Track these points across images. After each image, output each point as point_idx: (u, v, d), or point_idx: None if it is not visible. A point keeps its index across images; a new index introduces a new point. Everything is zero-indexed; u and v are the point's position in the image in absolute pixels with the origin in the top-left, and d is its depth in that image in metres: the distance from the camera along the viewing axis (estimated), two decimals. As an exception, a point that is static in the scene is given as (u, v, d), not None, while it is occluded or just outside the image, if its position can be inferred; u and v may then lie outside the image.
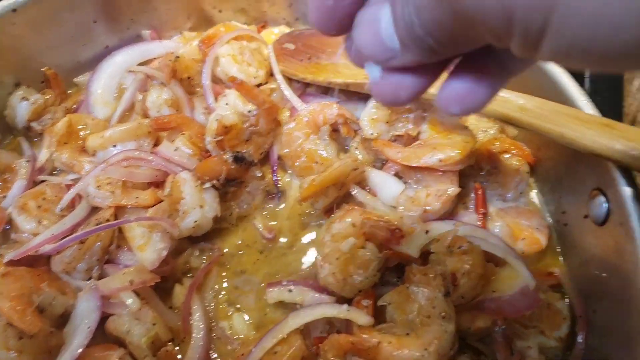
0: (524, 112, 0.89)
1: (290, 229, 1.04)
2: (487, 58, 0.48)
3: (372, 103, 1.04)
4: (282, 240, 1.03)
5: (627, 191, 0.83)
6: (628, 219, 0.81)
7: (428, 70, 0.49)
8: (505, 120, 0.91)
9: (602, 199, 0.89)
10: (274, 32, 1.21)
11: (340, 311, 0.88)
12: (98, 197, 0.96)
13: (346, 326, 0.90)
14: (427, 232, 0.95)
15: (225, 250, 1.02)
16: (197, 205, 0.96)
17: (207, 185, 0.97)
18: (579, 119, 0.86)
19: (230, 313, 0.96)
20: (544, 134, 0.87)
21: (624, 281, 0.80)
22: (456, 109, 0.49)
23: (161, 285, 0.97)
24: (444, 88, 0.50)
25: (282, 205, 1.07)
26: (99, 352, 0.86)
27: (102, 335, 0.90)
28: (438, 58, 0.46)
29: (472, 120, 1.13)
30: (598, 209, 0.89)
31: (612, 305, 0.84)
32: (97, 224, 0.92)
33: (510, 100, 0.91)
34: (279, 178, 1.08)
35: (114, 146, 1.02)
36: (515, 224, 1.00)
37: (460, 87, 0.49)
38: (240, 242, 1.02)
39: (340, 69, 1.06)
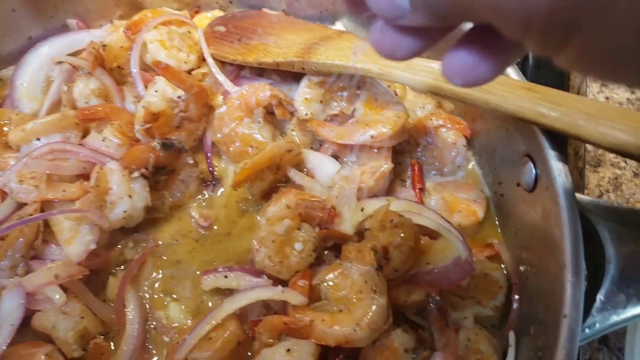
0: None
1: (228, 216, 1.02)
2: (495, 33, 0.45)
3: (304, 82, 1.03)
4: (219, 227, 1.01)
5: (551, 154, 0.83)
6: (553, 183, 0.82)
7: (429, 33, 0.47)
8: (432, 91, 0.90)
9: (530, 165, 0.89)
10: (207, 17, 1.18)
11: (274, 293, 0.86)
12: (21, 193, 0.93)
13: (283, 308, 0.88)
14: (362, 209, 0.95)
15: (160, 240, 0.99)
16: (125, 195, 0.93)
17: (136, 174, 0.95)
18: (502, 84, 0.85)
19: (166, 303, 0.94)
20: (468, 101, 0.86)
21: (551, 246, 0.80)
22: (458, 80, 0.47)
23: (94, 279, 0.94)
24: (449, 57, 0.47)
25: (219, 193, 1.04)
26: (24, 350, 0.83)
27: (32, 334, 0.87)
28: (445, 24, 0.45)
29: (410, 97, 1.13)
30: (527, 175, 0.90)
31: (541, 270, 0.84)
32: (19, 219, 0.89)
33: (436, 70, 0.90)
34: (215, 165, 1.06)
35: (38, 139, 0.98)
36: (452, 198, 1.00)
37: (465, 59, 0.46)
38: (175, 231, 1.00)
39: (270, 48, 1.04)
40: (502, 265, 0.95)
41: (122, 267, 0.96)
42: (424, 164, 1.05)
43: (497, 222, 1.02)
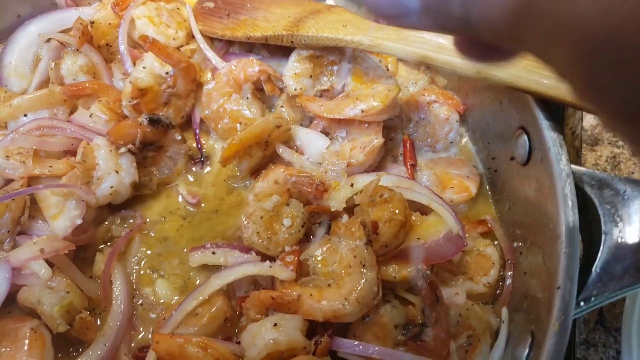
0: (442, 51, 0.86)
1: (216, 194, 1.01)
2: None
3: (294, 57, 1.01)
4: (207, 205, 1.00)
5: (545, 125, 0.81)
6: (547, 153, 0.79)
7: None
8: (423, 62, 0.88)
9: (524, 137, 0.87)
10: (197, -6, 1.16)
11: (262, 268, 0.85)
12: (8, 168, 0.92)
13: (271, 285, 0.87)
14: (351, 185, 0.93)
15: (148, 218, 0.98)
16: (112, 171, 0.92)
17: (123, 149, 0.93)
18: (494, 55, 0.83)
19: (153, 279, 0.92)
20: (460, 71, 0.84)
21: (545, 220, 0.78)
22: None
23: (81, 255, 0.94)
24: None
25: (207, 170, 1.03)
26: (10, 324, 0.83)
27: (19, 309, 0.86)
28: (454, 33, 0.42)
29: (402, 73, 1.10)
30: (522, 147, 0.87)
31: (534, 246, 0.82)
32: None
33: (428, 40, 0.88)
34: (203, 142, 1.04)
35: (25, 115, 0.97)
36: (444, 174, 0.98)
37: None
38: (163, 208, 0.99)
39: (259, 22, 1.02)
40: (496, 242, 0.93)
41: (109, 243, 0.95)
42: (416, 140, 1.02)
43: (490, 199, 1.00)
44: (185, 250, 0.94)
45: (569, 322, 0.68)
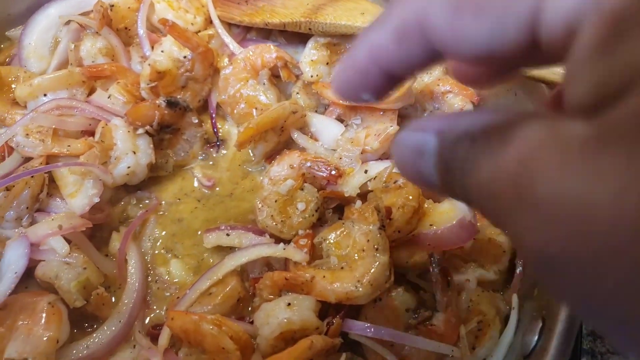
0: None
1: (230, 178, 1.02)
2: None
3: (311, 44, 1.02)
4: (221, 188, 1.01)
5: (560, 115, 0.82)
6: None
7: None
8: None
9: (538, 127, 0.87)
10: (215, -20, 1.17)
11: (276, 250, 0.86)
12: (27, 146, 0.93)
13: (284, 267, 0.88)
14: (365, 171, 0.94)
15: (163, 199, 0.99)
16: (129, 151, 0.94)
17: (141, 131, 0.95)
18: (511, 44, 0.84)
19: (168, 259, 0.94)
20: (476, 61, 0.85)
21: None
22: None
23: (98, 234, 0.95)
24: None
25: (223, 154, 1.04)
26: (28, 298, 0.84)
27: (37, 285, 0.88)
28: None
29: (417, 63, 1.11)
30: (535, 138, 0.88)
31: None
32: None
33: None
34: (219, 126, 1.06)
35: (45, 95, 0.99)
36: (457, 163, 0.99)
37: None
38: (178, 190, 1.00)
39: (277, 9, 1.04)
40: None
41: (125, 223, 0.97)
42: (430, 129, 1.03)
43: (503, 190, 1.00)
44: (199, 232, 0.95)
45: (581, 307, 0.69)
